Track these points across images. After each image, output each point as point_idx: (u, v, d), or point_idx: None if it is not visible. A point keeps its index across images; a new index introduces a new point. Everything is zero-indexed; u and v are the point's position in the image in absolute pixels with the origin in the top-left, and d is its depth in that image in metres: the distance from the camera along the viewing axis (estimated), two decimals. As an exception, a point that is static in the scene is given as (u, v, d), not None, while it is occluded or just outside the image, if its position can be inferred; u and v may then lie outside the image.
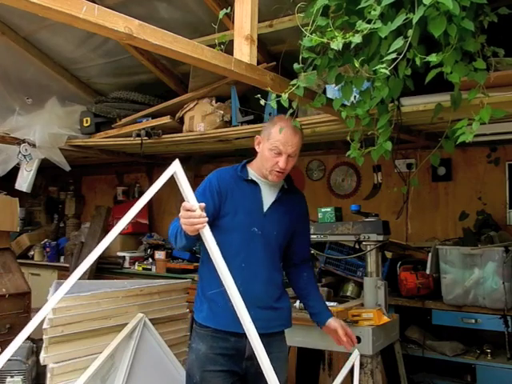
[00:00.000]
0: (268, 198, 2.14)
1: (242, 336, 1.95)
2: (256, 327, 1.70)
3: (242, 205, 2.08)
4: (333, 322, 2.22)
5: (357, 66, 1.74)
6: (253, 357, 2.00)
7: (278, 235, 2.14)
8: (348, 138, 2.13)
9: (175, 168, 1.58)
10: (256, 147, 2.16)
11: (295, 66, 1.96)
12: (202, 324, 2.10)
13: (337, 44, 1.66)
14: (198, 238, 1.82)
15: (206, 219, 1.69)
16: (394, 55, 1.60)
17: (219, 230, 2.03)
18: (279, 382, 2.04)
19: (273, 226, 2.11)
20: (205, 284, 2.11)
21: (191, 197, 1.68)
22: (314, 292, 2.30)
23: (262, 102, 1.95)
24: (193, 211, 1.69)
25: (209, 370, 2.04)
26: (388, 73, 1.63)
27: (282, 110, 2.09)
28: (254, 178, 2.14)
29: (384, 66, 1.61)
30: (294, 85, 1.92)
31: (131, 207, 1.56)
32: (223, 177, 2.13)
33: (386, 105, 2.03)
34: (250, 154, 2.27)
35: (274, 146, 2.05)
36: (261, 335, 1.78)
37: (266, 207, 2.12)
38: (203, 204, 1.72)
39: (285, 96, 1.90)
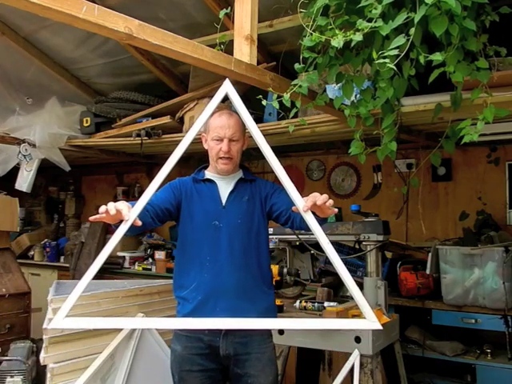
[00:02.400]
0: (224, 192, 2.17)
1: (216, 333, 2.04)
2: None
3: (199, 205, 2.14)
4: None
5: (360, 64, 1.74)
6: (229, 357, 2.07)
7: (245, 223, 2.12)
8: (356, 137, 2.13)
9: (226, 88, 1.59)
10: (204, 146, 2.20)
11: (296, 65, 1.96)
12: None
13: (338, 42, 1.66)
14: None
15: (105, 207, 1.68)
16: (396, 51, 1.60)
17: (183, 229, 2.15)
18: None
19: (234, 215, 2.12)
20: (176, 285, 2.16)
21: (248, 119, 1.65)
22: None
23: (264, 102, 1.95)
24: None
25: (186, 369, 2.08)
26: (393, 67, 1.62)
27: (283, 110, 2.09)
28: (210, 177, 2.20)
29: (388, 60, 1.61)
30: (295, 84, 1.92)
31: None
32: (183, 181, 2.22)
33: (390, 105, 2.03)
34: (250, 154, 2.27)
35: (214, 134, 2.11)
36: (237, 332, 1.89)
37: (224, 200, 2.15)
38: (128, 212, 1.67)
39: (287, 96, 1.90)
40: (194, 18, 3.26)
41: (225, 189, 2.17)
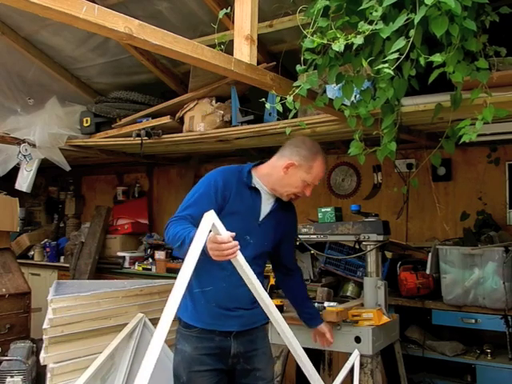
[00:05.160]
0: (265, 207, 2.15)
1: (227, 334, 2.06)
2: (242, 324, 1.88)
3: (240, 211, 2.07)
4: (323, 327, 2.41)
5: (364, 65, 1.74)
6: (238, 355, 2.09)
7: (268, 245, 2.19)
8: (356, 137, 2.13)
9: (211, 219, 1.60)
10: (283, 169, 2.10)
11: (298, 67, 1.96)
12: (187, 323, 2.10)
13: (339, 46, 1.66)
14: None
15: (238, 247, 1.68)
16: (396, 55, 1.60)
17: None
18: (267, 377, 2.11)
19: (265, 236, 2.14)
20: (193, 282, 2.09)
21: (222, 229, 1.66)
22: (307, 300, 2.44)
23: (268, 105, 1.95)
24: (225, 243, 1.65)
25: (195, 370, 2.07)
26: (392, 73, 1.63)
27: (283, 109, 2.09)
28: (258, 187, 2.14)
29: (387, 65, 1.61)
30: (296, 86, 1.92)
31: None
32: (228, 179, 2.09)
33: (390, 105, 2.03)
34: (250, 154, 2.27)
35: (311, 181, 2.10)
36: (245, 332, 1.95)
37: (261, 217, 2.14)
38: (233, 233, 1.69)
39: (290, 98, 1.90)
40: (193, 17, 3.25)
41: (265, 205, 2.15)
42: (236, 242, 1.67)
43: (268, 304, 1.74)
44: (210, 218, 1.59)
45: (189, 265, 1.48)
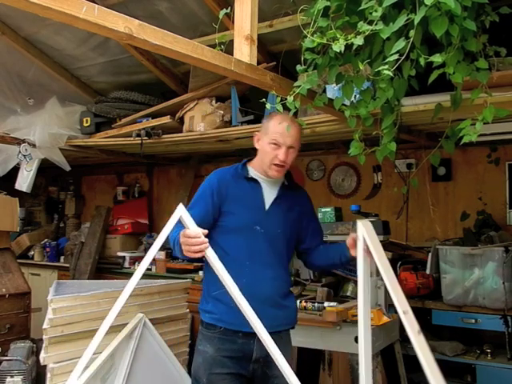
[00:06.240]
0: (269, 195, 2.13)
1: (250, 336, 1.96)
2: (263, 326, 1.67)
3: (243, 203, 2.08)
4: (349, 239, 2.01)
5: (361, 67, 1.74)
6: (260, 360, 2.03)
7: (284, 233, 2.13)
8: (356, 137, 2.13)
9: (180, 212, 1.61)
10: (255, 145, 2.16)
11: (298, 67, 1.96)
12: (210, 323, 2.07)
13: (339, 46, 1.66)
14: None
15: (207, 245, 1.70)
16: (396, 56, 1.60)
17: (221, 229, 2.06)
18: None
19: (276, 224, 2.11)
20: (210, 284, 2.09)
21: (191, 224, 1.69)
22: (330, 246, 2.26)
23: (269, 105, 1.95)
24: (193, 238, 1.69)
25: (216, 372, 2.02)
26: (391, 74, 1.63)
27: (284, 109, 2.09)
28: (255, 176, 2.14)
29: (387, 67, 1.61)
30: (297, 86, 1.92)
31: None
32: (223, 176, 2.13)
33: (390, 105, 2.03)
34: (250, 154, 2.27)
35: (272, 138, 2.05)
36: (270, 334, 1.74)
37: (267, 205, 2.12)
38: (206, 231, 1.72)
39: (290, 98, 1.90)
40: (193, 17, 3.26)
41: (269, 193, 2.13)
42: (205, 239, 1.69)
43: (243, 306, 1.66)
44: (179, 212, 1.60)
45: (146, 259, 1.52)
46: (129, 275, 4.60)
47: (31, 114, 3.98)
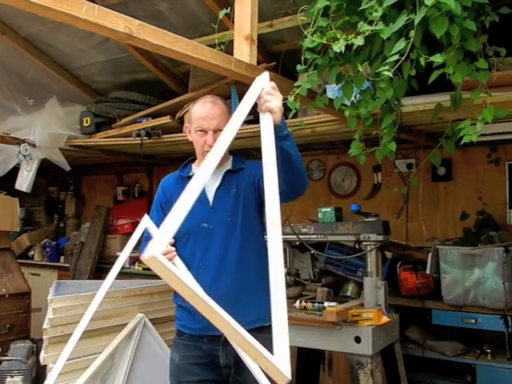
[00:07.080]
0: (212, 188, 2.00)
1: (215, 341, 1.91)
2: None
3: None
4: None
5: (360, 69, 1.74)
6: (230, 366, 1.94)
7: (235, 218, 1.98)
8: (356, 137, 2.13)
9: (146, 223, 1.62)
10: (188, 138, 2.06)
11: (298, 67, 1.96)
12: (179, 330, 2.04)
13: (339, 47, 1.66)
14: None
15: (174, 253, 1.75)
16: (396, 57, 1.60)
17: (175, 237, 1.90)
18: None
19: (223, 213, 1.97)
20: (175, 292, 2.01)
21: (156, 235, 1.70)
22: None
23: None
24: None
25: (183, 380, 1.97)
26: (391, 75, 1.63)
27: (284, 109, 2.09)
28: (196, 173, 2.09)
29: (387, 68, 1.61)
30: (297, 86, 1.93)
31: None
32: (166, 183, 2.11)
33: (390, 105, 2.03)
34: (250, 154, 2.27)
35: (197, 125, 1.95)
36: None
37: (211, 199, 1.99)
38: (172, 240, 1.76)
39: (291, 98, 1.90)
40: (193, 17, 3.26)
41: (212, 184, 1.99)
42: (171, 249, 1.76)
43: (205, 300, 1.56)
44: (144, 224, 1.60)
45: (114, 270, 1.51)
46: (129, 275, 4.65)
47: (31, 114, 3.98)
